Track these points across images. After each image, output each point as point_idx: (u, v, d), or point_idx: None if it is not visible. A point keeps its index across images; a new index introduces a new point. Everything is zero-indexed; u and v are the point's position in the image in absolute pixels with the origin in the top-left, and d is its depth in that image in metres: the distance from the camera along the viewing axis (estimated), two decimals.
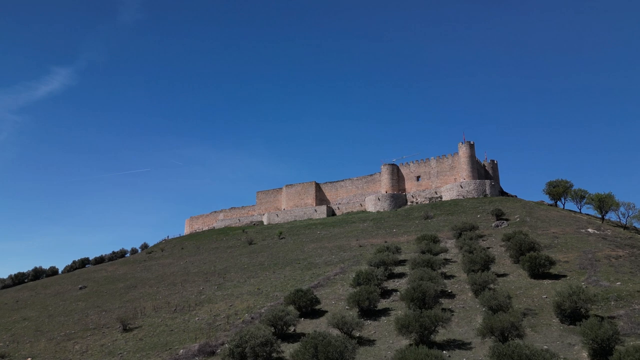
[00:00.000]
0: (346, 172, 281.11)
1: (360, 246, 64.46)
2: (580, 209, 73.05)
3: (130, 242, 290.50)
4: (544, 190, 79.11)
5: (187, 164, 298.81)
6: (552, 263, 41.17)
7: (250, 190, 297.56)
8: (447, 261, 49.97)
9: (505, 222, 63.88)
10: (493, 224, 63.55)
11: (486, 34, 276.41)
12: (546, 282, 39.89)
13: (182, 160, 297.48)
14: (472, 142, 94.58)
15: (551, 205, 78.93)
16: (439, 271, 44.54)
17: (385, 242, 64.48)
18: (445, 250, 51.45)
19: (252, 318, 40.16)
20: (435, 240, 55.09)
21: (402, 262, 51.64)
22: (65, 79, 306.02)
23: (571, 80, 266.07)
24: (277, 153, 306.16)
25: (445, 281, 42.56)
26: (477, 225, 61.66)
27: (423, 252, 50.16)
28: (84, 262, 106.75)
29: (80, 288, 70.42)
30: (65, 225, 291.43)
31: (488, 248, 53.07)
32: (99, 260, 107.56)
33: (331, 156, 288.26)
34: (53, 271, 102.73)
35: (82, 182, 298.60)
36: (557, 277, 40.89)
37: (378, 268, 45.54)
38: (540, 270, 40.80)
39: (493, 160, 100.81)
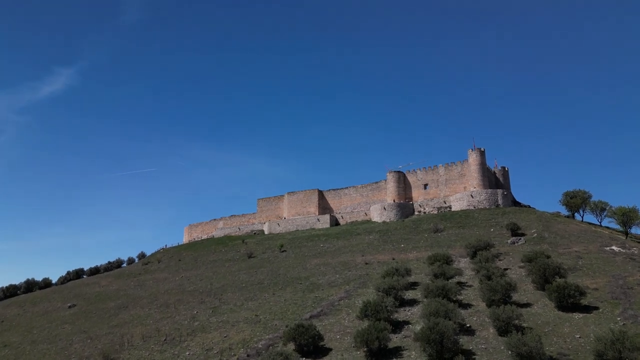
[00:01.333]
0: (350, 179, 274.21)
1: (367, 263, 60.32)
2: (600, 222, 68.68)
3: (131, 243, 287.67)
4: (560, 201, 74.88)
5: (189, 165, 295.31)
6: (582, 294, 36.93)
7: (251, 197, 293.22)
8: (462, 285, 45.77)
9: (521, 238, 59.56)
10: (509, 241, 59.23)
11: (498, 35, 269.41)
12: (577, 315, 35.65)
13: (184, 160, 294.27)
14: (482, 149, 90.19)
15: (568, 217, 74.53)
16: (454, 298, 40.47)
17: (393, 259, 60.41)
18: (460, 274, 47.21)
19: (247, 355, 36.11)
20: (448, 261, 50.89)
21: (413, 285, 47.48)
22: (68, 79, 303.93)
23: (589, 83, 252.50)
24: (279, 158, 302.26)
25: (462, 311, 38.44)
26: (492, 242, 57.35)
27: (436, 276, 45.98)
28: (78, 273, 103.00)
29: (70, 307, 66.53)
30: (68, 226, 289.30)
31: (506, 270, 48.82)
32: (94, 271, 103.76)
33: (335, 162, 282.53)
34: (46, 283, 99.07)
35: (85, 182, 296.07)
36: (587, 309, 36.65)
37: (387, 295, 41.45)
38: (569, 301, 36.57)
39: (504, 167, 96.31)
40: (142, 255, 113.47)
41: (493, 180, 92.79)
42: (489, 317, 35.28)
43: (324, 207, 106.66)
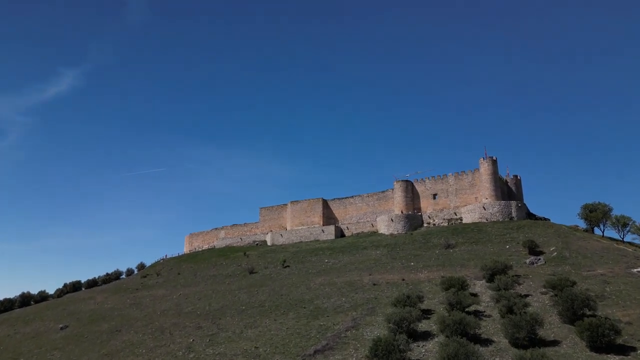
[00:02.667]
0: (355, 188, 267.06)
1: (374, 284, 56.58)
2: (622, 238, 64.62)
3: (133, 244, 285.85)
4: (579, 214, 70.83)
5: (196, 167, 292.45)
6: (617, 332, 33.12)
7: (253, 205, 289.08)
8: (480, 315, 42.04)
9: (540, 257, 55.66)
10: (527, 261, 55.35)
11: (512, 37, 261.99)
12: (612, 358, 31.92)
13: (186, 161, 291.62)
14: (494, 158, 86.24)
15: (587, 231, 70.52)
16: (472, 332, 36.75)
17: (403, 279, 56.70)
18: (478, 302, 43.47)
19: None
20: (464, 285, 47.09)
21: (426, 314, 43.79)
22: (74, 80, 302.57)
23: (610, 88, 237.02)
24: (285, 164, 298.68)
25: (482, 349, 34.75)
26: (509, 262, 53.45)
27: (451, 305, 42.24)
28: (75, 286, 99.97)
29: (62, 328, 63.25)
30: (73, 226, 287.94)
31: (527, 296, 45.04)
32: (92, 283, 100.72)
33: (340, 171, 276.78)
34: (42, 296, 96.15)
35: (90, 183, 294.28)
36: (623, 349, 32.94)
37: (399, 328, 37.86)
38: (603, 341, 32.78)
39: (516, 176, 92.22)
40: (141, 266, 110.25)
41: (505, 189, 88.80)
42: (514, 359, 31.59)
43: (328, 216, 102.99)
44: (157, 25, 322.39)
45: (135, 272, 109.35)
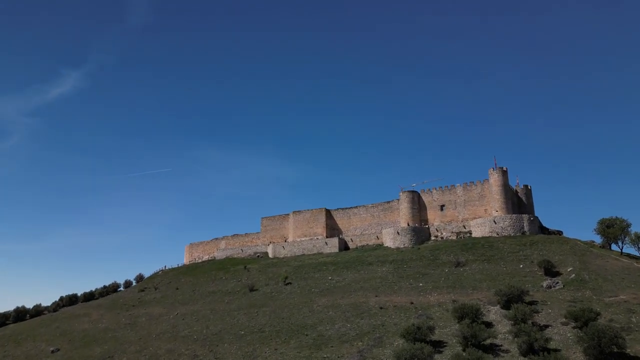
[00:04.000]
0: (359, 198, 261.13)
1: (381, 308, 53.40)
2: None
3: (133, 245, 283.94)
4: (595, 229, 67.38)
5: (200, 167, 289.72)
6: None
7: (255, 212, 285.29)
8: (496, 349, 38.88)
9: (558, 280, 52.27)
10: (544, 284, 52.00)
11: (521, 44, 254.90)
12: None
13: (188, 162, 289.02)
14: (504, 168, 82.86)
15: (603, 246, 67.15)
16: None
17: (412, 303, 53.48)
18: (494, 335, 40.25)
19: None
20: (478, 314, 43.82)
21: (438, 346, 40.60)
22: (76, 81, 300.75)
23: (624, 95, 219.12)
24: (286, 167, 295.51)
25: None
26: (526, 287, 50.09)
27: (466, 339, 39.04)
28: (71, 299, 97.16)
29: (53, 351, 60.46)
30: (77, 226, 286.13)
31: (546, 327, 41.80)
32: (88, 297, 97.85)
33: (343, 180, 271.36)
34: (37, 311, 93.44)
35: (94, 183, 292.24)
36: None
37: None
38: None
39: (526, 186, 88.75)
40: (139, 278, 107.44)
41: (515, 200, 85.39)
42: None
43: (331, 227, 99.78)
44: (159, 25, 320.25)
45: (134, 283, 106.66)
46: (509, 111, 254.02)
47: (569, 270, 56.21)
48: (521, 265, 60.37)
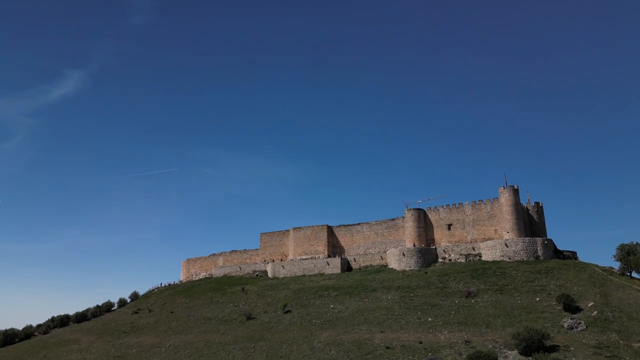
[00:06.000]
0: (363, 213, 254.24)
1: (388, 347, 49.32)
2: None
3: (134, 246, 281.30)
4: (614, 256, 63.65)
5: (194, 167, 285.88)
6: None
7: (254, 230, 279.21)
8: None
9: (580, 320, 48.01)
10: (565, 325, 47.82)
11: (535, 59, 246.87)
12: None
13: (189, 162, 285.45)
14: (515, 187, 78.74)
15: (622, 273, 63.06)
16: None
17: (421, 342, 49.39)
18: None
19: None
20: None
21: None
22: (78, 82, 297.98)
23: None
24: (290, 174, 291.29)
25: None
26: (546, 330, 45.86)
27: None
28: (63, 321, 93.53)
29: None
30: (79, 227, 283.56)
31: None
32: (81, 317, 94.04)
33: (346, 194, 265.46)
34: (27, 334, 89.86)
35: (95, 184, 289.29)
36: None
37: None
38: None
39: (538, 203, 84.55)
40: (134, 296, 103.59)
41: (526, 218, 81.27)
42: None
43: (333, 245, 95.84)
44: (161, 26, 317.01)
45: (128, 301, 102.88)
46: (518, 127, 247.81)
47: (590, 305, 52.07)
48: (537, 299, 56.22)
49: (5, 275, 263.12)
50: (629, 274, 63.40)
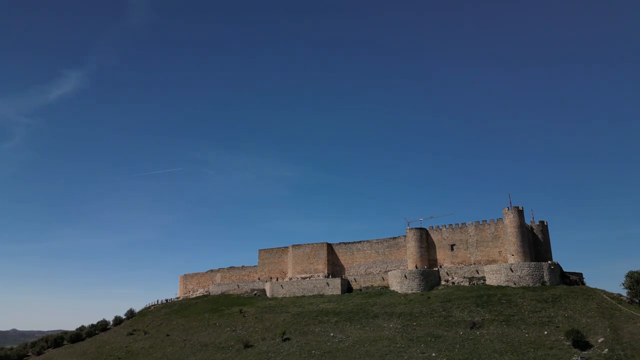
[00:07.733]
0: (364, 230, 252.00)
1: None
2: None
3: (134, 247, 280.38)
4: (623, 284, 61.80)
5: (194, 168, 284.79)
6: None
7: (252, 247, 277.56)
8: None
9: (591, 358, 46.08)
10: None
11: (540, 74, 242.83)
12: None
13: (190, 163, 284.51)
14: (520, 208, 76.79)
15: (631, 302, 61.18)
16: None
17: None
18: None
19: None
20: None
21: None
22: (77, 82, 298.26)
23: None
24: (290, 181, 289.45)
25: None
26: None
27: None
28: (57, 341, 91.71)
29: None
30: (78, 227, 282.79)
31: None
32: (75, 337, 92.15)
33: (347, 210, 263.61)
34: (20, 355, 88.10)
35: (94, 184, 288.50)
36: None
37: None
38: None
39: (542, 222, 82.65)
40: (130, 314, 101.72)
41: (531, 238, 79.31)
42: None
43: (333, 263, 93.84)
44: (160, 26, 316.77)
45: (124, 318, 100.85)
46: (521, 146, 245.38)
47: (600, 341, 50.08)
48: (545, 332, 54.20)
49: (5, 275, 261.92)
50: (638, 301, 61.57)
